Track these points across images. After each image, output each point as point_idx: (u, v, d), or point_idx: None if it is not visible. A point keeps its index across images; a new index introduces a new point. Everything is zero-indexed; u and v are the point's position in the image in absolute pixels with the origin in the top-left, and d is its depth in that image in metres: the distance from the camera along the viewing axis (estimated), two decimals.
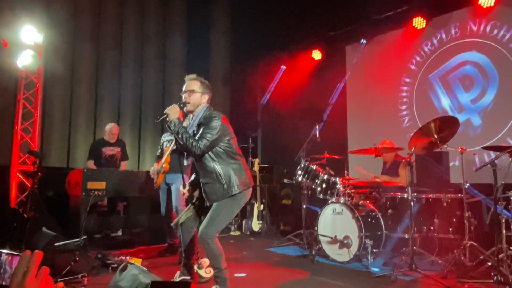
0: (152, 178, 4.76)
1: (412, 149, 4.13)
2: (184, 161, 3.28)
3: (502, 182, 3.32)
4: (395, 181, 5.01)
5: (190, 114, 3.26)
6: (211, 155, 3.07)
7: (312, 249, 4.69)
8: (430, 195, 4.41)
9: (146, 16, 8.26)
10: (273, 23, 7.79)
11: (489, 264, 3.71)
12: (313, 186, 4.81)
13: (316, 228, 4.74)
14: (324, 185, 4.74)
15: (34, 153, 5.57)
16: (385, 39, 6.73)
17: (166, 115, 3.03)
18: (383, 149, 4.62)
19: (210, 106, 3.24)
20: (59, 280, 3.25)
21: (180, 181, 4.60)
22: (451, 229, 4.23)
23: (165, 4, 8.57)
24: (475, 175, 3.98)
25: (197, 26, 8.70)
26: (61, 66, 6.85)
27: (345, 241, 4.41)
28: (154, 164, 4.76)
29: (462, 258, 3.90)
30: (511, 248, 3.39)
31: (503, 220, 3.46)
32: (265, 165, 7.34)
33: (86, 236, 4.17)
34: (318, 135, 5.14)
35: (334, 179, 4.75)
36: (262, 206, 6.66)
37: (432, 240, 4.35)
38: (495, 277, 3.21)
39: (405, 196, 4.32)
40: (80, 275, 3.43)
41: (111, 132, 5.93)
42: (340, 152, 5.58)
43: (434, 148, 4.29)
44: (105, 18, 7.68)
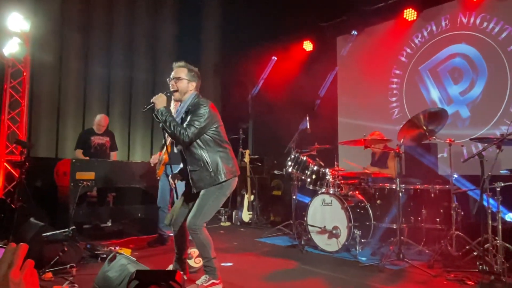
0: (153, 166, 4.81)
1: (401, 141, 4.17)
2: (174, 148, 3.26)
3: (489, 173, 3.36)
4: (384, 172, 5.05)
5: (178, 102, 3.24)
6: (199, 142, 3.06)
7: (301, 239, 4.72)
8: (418, 186, 4.46)
9: (136, 5, 8.15)
10: (265, 14, 7.74)
11: (475, 254, 3.78)
12: (303, 177, 4.83)
13: (305, 218, 4.78)
14: (314, 176, 4.76)
15: (21, 142, 5.50)
16: (376, 30, 6.74)
17: (152, 104, 3.02)
18: (372, 140, 4.65)
19: (198, 94, 3.21)
20: (47, 270, 3.24)
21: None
22: (438, 220, 4.29)
23: None
24: (463, 166, 4.04)
25: (188, 16, 8.60)
26: (49, 55, 6.74)
27: (334, 231, 4.45)
28: (157, 154, 4.80)
29: (449, 248, 3.97)
30: (496, 238, 3.44)
31: (489, 211, 3.51)
32: (256, 156, 7.35)
33: (74, 227, 4.14)
34: (308, 127, 5.16)
35: (324, 170, 4.77)
36: (252, 197, 6.68)
37: (420, 231, 4.41)
38: (481, 267, 3.26)
39: (394, 187, 4.36)
40: (68, 266, 3.41)
41: (100, 124, 5.89)
42: (330, 144, 5.61)
43: (423, 140, 4.34)
44: (94, 6, 7.56)
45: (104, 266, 2.56)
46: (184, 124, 3.00)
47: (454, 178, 4.19)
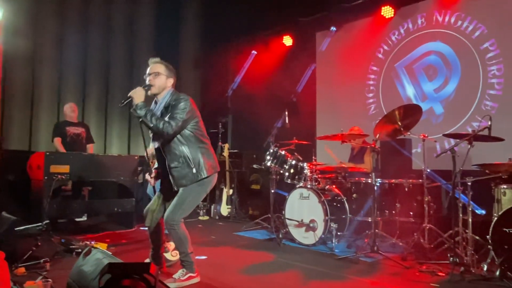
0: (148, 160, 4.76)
1: (377, 136, 4.25)
2: (150, 144, 3.22)
3: (461, 168, 3.47)
4: (360, 167, 5.14)
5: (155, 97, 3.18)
6: (179, 138, 3.04)
7: (279, 232, 4.77)
8: (393, 180, 4.56)
9: None
10: (245, 7, 7.70)
11: (446, 246, 3.91)
12: (281, 171, 4.86)
13: (283, 212, 4.82)
14: (292, 170, 4.80)
15: None
16: (354, 27, 6.81)
17: (130, 99, 2.95)
18: (349, 135, 4.72)
19: (175, 90, 3.18)
20: (20, 265, 3.17)
21: None
22: (411, 213, 4.40)
23: None
24: (436, 161, 4.15)
25: (167, 9, 8.47)
26: (22, 44, 6.53)
27: (311, 224, 4.51)
28: (151, 145, 4.74)
29: (421, 240, 4.09)
30: (466, 231, 3.57)
31: (460, 205, 3.63)
32: (235, 151, 7.35)
33: (48, 221, 4.06)
34: (287, 121, 5.19)
35: (302, 165, 4.82)
36: (231, 191, 6.69)
37: (394, 224, 4.52)
38: (451, 258, 3.37)
39: (369, 181, 4.45)
40: (42, 260, 3.34)
41: (71, 110, 5.79)
42: (309, 138, 5.67)
43: (398, 135, 4.43)
44: None
45: (78, 261, 2.52)
46: (166, 118, 2.95)
47: (427, 172, 4.31)
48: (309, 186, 4.69)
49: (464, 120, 5.46)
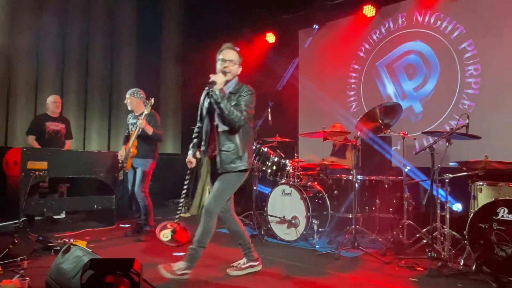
0: (120, 161, 4.85)
1: (358, 133, 4.31)
2: (221, 126, 3.10)
3: (439, 165, 3.54)
4: (341, 163, 5.21)
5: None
6: None
7: (261, 229, 4.78)
8: (373, 177, 4.63)
9: None
10: (228, 4, 7.66)
11: (425, 241, 3.99)
12: (264, 168, 4.88)
13: (265, 209, 4.84)
14: (274, 167, 4.82)
15: None
16: (336, 25, 6.87)
17: (213, 83, 2.94)
18: (331, 132, 4.77)
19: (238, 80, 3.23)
20: None
21: (146, 165, 4.62)
22: (391, 209, 4.49)
23: None
24: (415, 158, 4.23)
25: (149, 4, 8.34)
26: None
27: (293, 221, 4.54)
28: (122, 148, 4.77)
29: (400, 236, 4.17)
30: (444, 226, 3.65)
31: (438, 201, 3.71)
32: None
33: (25, 218, 3.97)
34: (270, 118, 5.20)
35: (284, 161, 4.84)
36: None
37: (374, 220, 4.60)
38: (430, 253, 3.44)
39: (350, 178, 4.51)
40: (19, 259, 3.27)
41: (54, 103, 5.64)
42: (291, 135, 5.69)
43: (379, 133, 4.50)
44: None
45: (57, 258, 2.47)
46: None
47: (407, 169, 4.40)
48: (291, 183, 4.71)
49: (443, 119, 5.58)
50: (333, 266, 3.63)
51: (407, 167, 4.42)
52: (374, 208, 4.56)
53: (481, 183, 3.69)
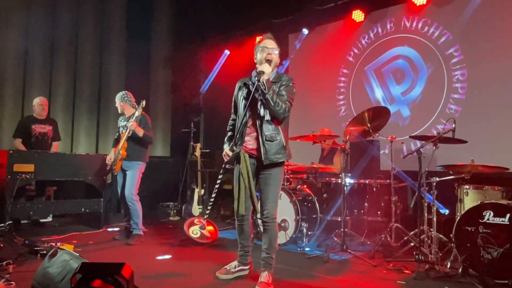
0: (108, 164, 4.79)
1: (347, 137, 4.35)
2: (267, 116, 3.06)
3: (426, 169, 3.59)
4: (330, 167, 5.24)
5: None
6: None
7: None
8: (362, 181, 4.67)
9: None
10: (219, 7, 7.68)
11: (412, 244, 4.04)
12: None
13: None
14: None
15: None
16: (326, 30, 6.93)
17: (262, 73, 2.92)
18: (320, 136, 4.80)
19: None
20: None
21: (136, 167, 4.59)
22: (379, 213, 4.53)
23: None
24: (403, 162, 4.28)
25: (139, 5, 8.30)
26: None
27: (283, 224, 4.55)
28: (111, 151, 4.73)
29: (388, 239, 4.21)
30: (431, 230, 3.70)
31: (425, 204, 3.76)
32: (207, 150, 7.31)
33: (11, 221, 3.90)
34: None
35: None
36: (202, 191, 6.64)
37: (362, 223, 4.64)
38: (417, 256, 3.48)
39: (339, 182, 4.54)
40: (5, 263, 3.21)
41: (40, 105, 5.57)
42: None
43: (367, 137, 4.54)
44: None
45: (44, 262, 2.44)
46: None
47: (395, 173, 4.44)
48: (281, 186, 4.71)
49: (430, 123, 5.65)
50: (322, 269, 3.65)
51: (396, 170, 4.47)
52: (362, 211, 4.60)
53: (467, 187, 3.75)
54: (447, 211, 4.48)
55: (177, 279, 3.14)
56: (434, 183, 3.69)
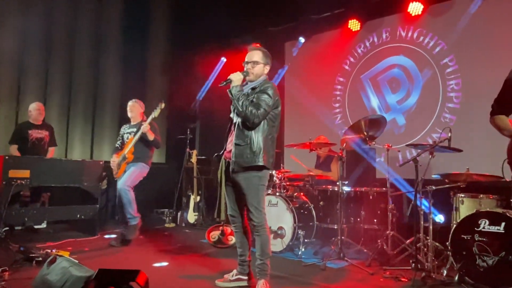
0: (111, 168, 4.86)
1: (344, 145, 4.38)
2: (237, 120, 3.15)
3: (422, 177, 3.63)
4: (327, 175, 5.26)
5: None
6: None
7: None
8: (358, 189, 4.69)
9: None
10: (216, 14, 7.72)
11: (408, 252, 4.06)
12: None
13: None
14: None
15: None
16: (322, 38, 7.00)
17: (229, 81, 3.05)
18: (317, 144, 4.83)
19: (267, 78, 3.26)
20: None
21: (140, 166, 4.62)
22: (375, 220, 4.54)
23: None
24: (398, 170, 4.32)
25: (135, 12, 8.31)
26: None
27: (279, 231, 4.55)
28: (114, 156, 4.77)
29: (385, 247, 4.22)
30: (427, 237, 3.72)
31: (422, 212, 3.79)
32: (203, 157, 7.30)
33: (6, 228, 3.87)
34: None
35: (270, 172, 4.85)
36: (198, 198, 6.63)
37: (359, 231, 4.65)
38: (413, 264, 3.50)
39: (336, 189, 4.56)
40: (0, 270, 3.18)
41: (37, 110, 5.56)
42: (277, 146, 5.69)
43: (364, 145, 4.58)
44: None
45: (43, 270, 2.42)
46: (251, 99, 3.03)
47: (391, 181, 4.47)
48: (277, 193, 4.73)
49: (425, 132, 5.71)
50: (319, 277, 3.65)
51: (392, 178, 4.50)
52: (359, 219, 4.61)
53: (462, 195, 3.78)
54: (442, 219, 4.52)
55: (180, 286, 3.13)
56: (430, 192, 3.72)
